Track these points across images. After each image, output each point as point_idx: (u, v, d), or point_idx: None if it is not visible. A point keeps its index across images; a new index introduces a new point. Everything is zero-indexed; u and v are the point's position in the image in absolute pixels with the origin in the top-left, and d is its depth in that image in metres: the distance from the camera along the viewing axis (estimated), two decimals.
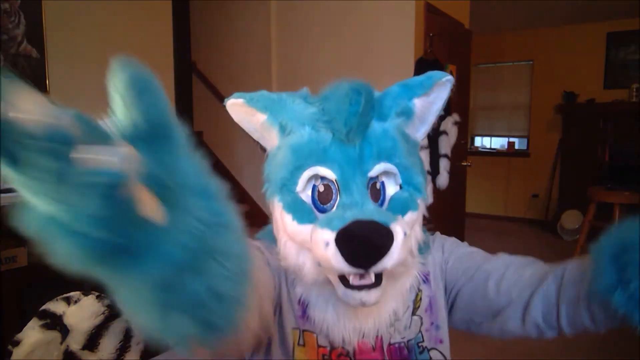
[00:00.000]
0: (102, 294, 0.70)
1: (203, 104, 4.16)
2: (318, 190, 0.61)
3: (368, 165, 0.60)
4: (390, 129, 0.63)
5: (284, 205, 0.61)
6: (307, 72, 3.45)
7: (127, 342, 0.68)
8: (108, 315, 0.67)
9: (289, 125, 0.63)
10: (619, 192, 3.28)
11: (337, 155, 0.60)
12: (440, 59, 3.13)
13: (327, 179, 0.61)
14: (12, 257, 1.73)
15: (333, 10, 3.31)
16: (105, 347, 0.65)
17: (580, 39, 5.23)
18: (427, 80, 0.65)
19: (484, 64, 5.84)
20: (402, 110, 0.64)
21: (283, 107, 0.64)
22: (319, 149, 0.60)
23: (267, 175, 0.66)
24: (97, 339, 0.65)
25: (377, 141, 0.61)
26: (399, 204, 0.61)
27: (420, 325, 0.69)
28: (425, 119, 0.68)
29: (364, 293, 0.55)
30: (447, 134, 3.01)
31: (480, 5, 4.11)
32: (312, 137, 0.61)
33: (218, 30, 3.98)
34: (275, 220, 0.65)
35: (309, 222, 0.59)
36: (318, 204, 0.61)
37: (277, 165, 0.63)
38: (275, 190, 0.63)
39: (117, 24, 2.57)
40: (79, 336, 0.63)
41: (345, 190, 0.59)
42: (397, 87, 0.66)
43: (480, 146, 6.21)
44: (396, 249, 0.52)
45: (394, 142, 0.62)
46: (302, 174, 0.60)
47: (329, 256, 0.53)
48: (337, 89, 0.60)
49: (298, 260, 0.61)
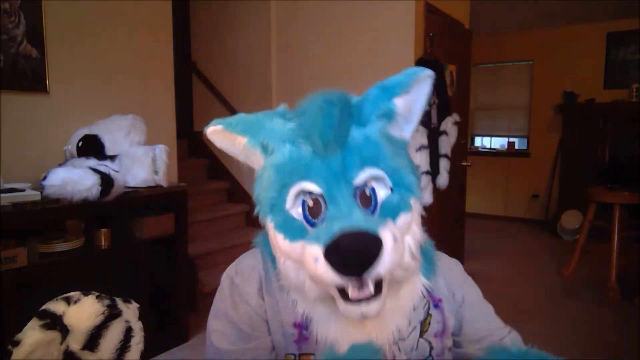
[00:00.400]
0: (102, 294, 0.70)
1: (203, 104, 4.16)
2: (308, 205, 0.60)
3: (352, 173, 0.59)
4: (372, 134, 0.62)
5: (275, 225, 0.61)
6: (307, 72, 3.45)
7: (127, 342, 0.68)
8: (108, 315, 0.67)
9: (270, 144, 0.64)
10: (619, 192, 3.28)
11: (320, 169, 0.59)
12: (440, 59, 3.13)
13: (314, 194, 0.60)
14: (12, 257, 1.73)
15: (333, 11, 3.31)
16: (105, 347, 0.65)
17: (580, 39, 5.23)
18: (405, 78, 0.63)
19: (484, 64, 5.84)
20: (383, 113, 0.63)
21: (261, 127, 0.65)
22: (301, 165, 0.60)
23: (257, 197, 0.66)
24: (97, 339, 0.65)
25: (358, 149, 0.60)
26: (389, 208, 0.60)
27: (430, 350, 0.68)
28: (409, 117, 0.66)
29: (363, 306, 0.55)
30: (447, 134, 3.01)
31: (480, 5, 4.11)
32: (293, 154, 0.61)
33: (218, 30, 3.98)
34: (270, 239, 0.64)
35: (301, 238, 0.58)
36: (309, 219, 0.60)
37: (264, 186, 0.63)
38: (266, 211, 0.63)
39: (117, 24, 2.57)
40: (79, 336, 0.63)
41: (332, 203, 0.58)
42: (376, 89, 0.65)
43: (480, 146, 6.21)
44: (387, 255, 0.52)
45: (377, 147, 0.61)
46: (289, 191, 0.60)
47: (320, 271, 0.53)
48: (311, 103, 0.60)
49: (298, 278, 0.61)
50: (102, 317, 0.65)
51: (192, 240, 3.06)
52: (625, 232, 3.41)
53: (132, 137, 2.21)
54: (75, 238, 2.02)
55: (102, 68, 2.51)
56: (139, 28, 2.68)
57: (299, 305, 0.65)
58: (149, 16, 2.72)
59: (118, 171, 2.06)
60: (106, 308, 0.66)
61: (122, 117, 2.24)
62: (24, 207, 1.77)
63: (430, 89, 0.65)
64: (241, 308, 0.68)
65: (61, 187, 1.80)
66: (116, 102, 2.55)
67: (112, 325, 0.66)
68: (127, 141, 2.19)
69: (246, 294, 0.68)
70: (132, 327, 0.69)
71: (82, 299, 0.65)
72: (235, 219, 3.79)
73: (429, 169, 2.90)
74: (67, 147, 2.17)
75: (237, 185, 3.89)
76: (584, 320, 2.85)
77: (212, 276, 3.05)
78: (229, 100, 3.89)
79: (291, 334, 0.65)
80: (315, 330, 0.63)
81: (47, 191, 1.81)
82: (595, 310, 2.99)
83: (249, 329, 0.66)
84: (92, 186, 1.86)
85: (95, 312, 0.65)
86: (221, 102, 3.93)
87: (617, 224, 3.23)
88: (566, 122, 5.27)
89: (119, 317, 0.68)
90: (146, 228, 2.25)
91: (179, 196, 2.40)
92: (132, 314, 0.71)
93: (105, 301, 0.67)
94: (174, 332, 2.48)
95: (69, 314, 0.63)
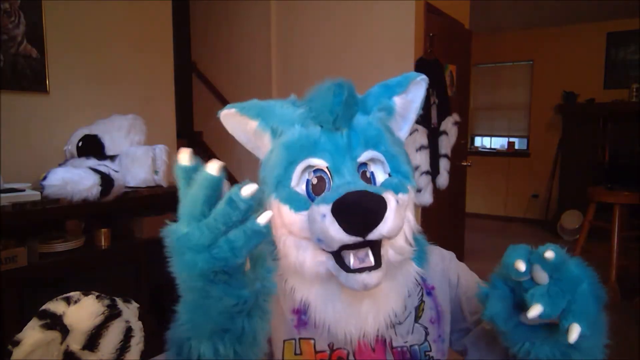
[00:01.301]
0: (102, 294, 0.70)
1: (203, 104, 4.16)
2: (312, 183, 0.64)
3: (356, 151, 0.64)
4: (374, 121, 0.67)
5: (280, 199, 0.63)
6: (307, 71, 3.45)
7: (127, 342, 0.68)
8: (108, 315, 0.67)
9: (279, 128, 0.67)
10: (619, 192, 3.28)
11: (327, 145, 0.63)
12: (440, 59, 3.13)
13: (319, 170, 0.64)
14: (12, 257, 1.73)
15: (333, 11, 3.31)
16: (105, 347, 0.65)
17: (580, 39, 5.23)
18: (403, 79, 0.71)
19: (484, 64, 5.84)
20: (384, 107, 0.70)
21: (273, 112, 0.69)
22: (310, 142, 0.64)
23: (263, 179, 0.67)
24: (97, 339, 0.65)
25: (362, 130, 0.65)
26: (389, 187, 0.63)
27: (426, 335, 0.70)
28: (406, 116, 0.73)
29: (365, 275, 0.56)
30: (447, 134, 3.01)
31: (480, 5, 4.12)
32: (303, 133, 0.65)
33: (218, 30, 3.98)
34: (272, 217, 0.65)
35: (305, 209, 0.61)
36: (312, 196, 0.63)
37: (271, 166, 0.66)
38: (271, 189, 0.64)
39: (117, 24, 2.57)
40: (79, 336, 0.63)
41: (337, 174, 0.62)
42: (378, 87, 0.72)
43: (480, 146, 6.21)
44: (390, 214, 0.54)
45: (379, 131, 0.66)
46: (296, 167, 0.63)
47: (327, 226, 0.55)
48: (320, 87, 0.65)
49: (298, 256, 0.62)
50: (102, 317, 0.65)
51: None
52: (625, 232, 3.41)
53: (132, 137, 2.21)
54: (75, 238, 2.02)
55: (102, 68, 2.51)
56: (139, 28, 2.68)
57: (297, 292, 0.66)
58: (149, 16, 2.72)
59: (118, 171, 2.06)
60: (106, 308, 0.66)
61: (122, 117, 2.23)
62: (24, 207, 1.77)
63: (424, 92, 0.72)
64: None
65: (61, 187, 1.80)
66: (116, 102, 2.55)
67: (112, 325, 0.66)
68: (127, 141, 2.19)
69: None
70: (132, 327, 0.69)
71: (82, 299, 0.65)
72: None
73: (429, 169, 2.90)
74: (67, 147, 2.17)
75: None
76: None
77: None
78: (229, 100, 3.89)
79: (290, 320, 0.67)
80: (313, 314, 0.64)
81: (47, 191, 1.81)
82: None
83: None
84: (92, 186, 1.86)
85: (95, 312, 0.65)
86: (221, 102, 3.93)
87: (617, 224, 3.23)
88: (566, 122, 5.28)
89: (119, 317, 0.68)
90: (146, 228, 2.25)
91: (179, 196, 2.40)
92: (132, 314, 0.71)
93: (105, 301, 0.67)
94: None
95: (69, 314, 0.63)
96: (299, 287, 0.66)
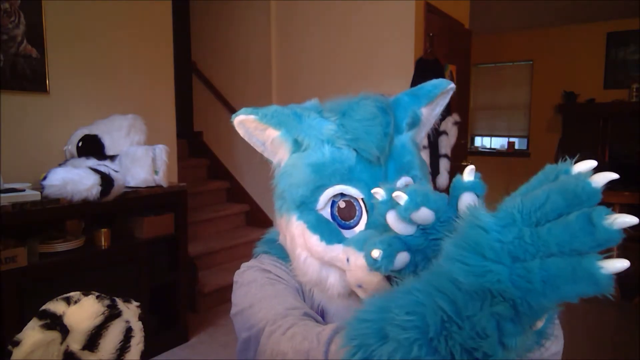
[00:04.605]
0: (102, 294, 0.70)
1: (203, 104, 4.16)
2: (338, 206, 0.60)
3: (392, 180, 0.61)
4: (407, 142, 0.64)
5: (309, 225, 0.60)
6: (307, 72, 3.45)
7: (127, 342, 0.68)
8: (108, 315, 0.67)
9: (305, 141, 0.61)
10: (619, 192, 3.28)
11: (364, 175, 0.59)
12: (440, 59, 3.13)
13: (349, 196, 0.60)
14: (12, 257, 1.73)
15: (333, 11, 3.31)
16: (105, 347, 0.65)
17: (580, 39, 5.23)
18: (434, 89, 0.67)
19: (484, 64, 5.84)
20: (413, 121, 0.66)
21: (298, 122, 0.62)
22: (344, 167, 0.59)
23: (282, 193, 0.63)
24: (97, 339, 0.65)
25: (399, 156, 0.62)
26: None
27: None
28: (427, 123, 0.71)
29: None
30: (447, 134, 3.01)
31: (480, 5, 4.11)
32: (335, 156, 0.60)
33: (218, 30, 3.98)
34: (291, 236, 0.63)
35: (338, 242, 0.58)
36: (339, 220, 0.60)
37: (295, 183, 0.61)
38: (292, 207, 0.61)
39: (117, 24, 2.57)
40: (79, 336, 0.63)
41: (373, 210, 0.58)
42: (406, 96, 0.67)
43: (480, 146, 6.21)
44: None
45: (412, 156, 0.64)
46: (324, 192, 0.59)
47: (377, 280, 0.53)
48: (360, 106, 0.59)
49: (321, 274, 0.61)
50: (102, 317, 0.65)
51: (192, 240, 3.06)
52: (625, 232, 3.41)
53: (132, 137, 2.21)
54: (75, 238, 2.02)
55: (102, 68, 2.51)
56: (139, 28, 2.68)
57: (316, 295, 0.65)
58: (149, 16, 2.72)
59: (118, 171, 2.06)
60: (106, 308, 0.66)
61: (122, 117, 2.24)
62: (24, 207, 1.77)
63: (449, 99, 0.70)
64: (273, 270, 0.67)
65: (61, 187, 1.80)
66: (116, 102, 2.55)
67: (112, 326, 0.66)
68: (127, 141, 2.19)
69: (275, 269, 0.68)
70: (132, 327, 0.69)
71: (82, 299, 0.65)
72: (235, 219, 3.79)
73: (429, 169, 2.90)
74: (67, 147, 2.17)
75: (237, 185, 3.89)
76: (584, 320, 2.85)
77: (212, 276, 3.05)
78: (229, 100, 3.89)
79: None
80: (330, 321, 0.64)
81: (47, 191, 1.81)
82: (595, 310, 2.99)
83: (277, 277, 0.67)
84: (92, 186, 1.86)
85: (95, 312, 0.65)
86: (221, 102, 3.93)
87: None
88: (566, 122, 5.28)
89: (119, 317, 0.68)
90: (146, 228, 2.25)
91: (179, 196, 2.40)
92: (132, 314, 0.70)
93: (105, 301, 0.67)
94: (174, 332, 2.48)
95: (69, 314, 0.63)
96: (316, 290, 0.65)
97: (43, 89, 2.25)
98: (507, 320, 0.29)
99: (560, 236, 0.28)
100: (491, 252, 0.29)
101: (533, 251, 0.29)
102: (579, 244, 0.28)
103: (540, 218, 0.30)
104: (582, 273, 0.27)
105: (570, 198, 0.29)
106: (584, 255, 0.27)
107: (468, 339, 0.29)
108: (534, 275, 0.28)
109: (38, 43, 2.20)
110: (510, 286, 0.28)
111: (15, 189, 1.84)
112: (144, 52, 2.71)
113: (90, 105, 2.45)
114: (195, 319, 2.74)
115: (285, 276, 0.66)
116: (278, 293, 0.62)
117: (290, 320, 0.54)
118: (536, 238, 0.29)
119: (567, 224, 0.28)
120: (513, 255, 0.29)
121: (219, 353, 2.42)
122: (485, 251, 0.30)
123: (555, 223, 0.29)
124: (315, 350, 0.47)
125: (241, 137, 0.67)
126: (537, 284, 0.28)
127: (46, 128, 2.28)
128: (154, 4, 2.74)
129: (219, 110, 3.95)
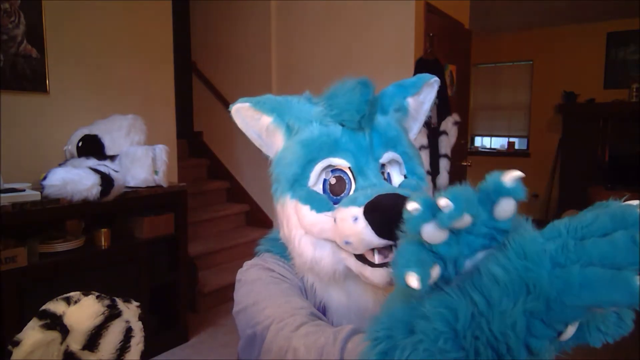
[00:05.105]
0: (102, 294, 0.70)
1: (203, 104, 4.16)
2: (330, 183, 0.62)
3: (378, 152, 0.63)
4: (392, 122, 0.67)
5: (299, 198, 0.62)
6: (307, 71, 3.45)
7: (127, 342, 0.68)
8: (108, 315, 0.67)
9: (295, 124, 0.65)
10: (619, 192, 3.28)
11: (349, 145, 0.62)
12: (440, 59, 3.13)
13: (339, 170, 0.62)
14: (12, 257, 1.73)
15: (333, 11, 3.31)
16: (105, 347, 0.65)
17: (580, 39, 5.23)
18: (417, 80, 0.72)
19: (484, 64, 5.84)
20: (399, 107, 0.69)
21: (289, 108, 0.66)
22: (330, 140, 0.62)
23: (277, 176, 0.65)
24: (97, 339, 0.65)
25: (383, 131, 0.65)
26: (408, 188, 0.63)
27: None
28: (417, 117, 0.74)
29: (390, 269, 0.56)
30: (447, 134, 3.01)
31: (480, 5, 4.11)
32: (323, 131, 0.63)
33: (218, 30, 3.98)
34: (287, 218, 0.64)
35: (327, 210, 0.60)
36: (330, 196, 0.62)
37: (287, 163, 0.64)
38: (286, 187, 0.63)
39: (117, 24, 2.57)
40: (79, 336, 0.63)
41: (360, 175, 0.61)
42: (393, 87, 0.71)
43: (480, 146, 6.20)
44: None
45: (398, 132, 0.66)
46: (315, 167, 0.62)
47: (359, 229, 0.54)
48: (343, 85, 0.63)
49: (315, 254, 0.61)
50: (102, 317, 0.65)
51: (192, 240, 3.06)
52: None
53: (132, 137, 2.21)
54: (75, 238, 2.02)
55: (102, 68, 2.51)
56: (139, 28, 2.68)
57: (318, 291, 0.66)
58: (149, 16, 2.72)
59: (118, 171, 2.06)
60: (106, 308, 0.66)
61: (122, 117, 2.24)
62: (24, 207, 1.77)
63: (435, 93, 0.73)
64: (276, 269, 0.68)
65: (61, 187, 1.80)
66: (116, 102, 2.55)
67: (112, 326, 0.66)
68: (127, 141, 2.19)
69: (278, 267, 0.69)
70: (132, 327, 0.69)
71: (82, 299, 0.65)
72: (235, 219, 3.79)
73: (429, 169, 2.90)
74: (67, 147, 2.17)
75: (237, 185, 3.89)
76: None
77: (212, 276, 3.05)
78: (229, 100, 3.89)
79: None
80: (331, 318, 0.64)
81: (47, 191, 1.81)
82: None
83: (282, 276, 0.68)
84: (92, 186, 1.86)
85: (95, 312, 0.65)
86: (221, 102, 3.93)
87: None
88: (566, 122, 5.27)
89: (119, 317, 0.68)
90: (146, 228, 2.25)
91: (179, 196, 2.40)
92: (132, 314, 0.70)
93: (105, 301, 0.67)
94: (174, 332, 2.48)
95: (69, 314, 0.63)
96: (318, 285, 0.66)
97: (43, 89, 2.25)
98: (538, 319, 0.30)
99: (604, 249, 0.29)
100: (534, 255, 0.31)
101: (574, 259, 0.30)
102: (620, 258, 0.29)
103: (586, 234, 0.31)
104: (620, 282, 0.28)
105: (618, 220, 0.31)
106: (623, 269, 0.29)
107: (497, 333, 0.30)
108: (572, 277, 0.29)
109: (38, 43, 2.21)
110: (547, 285, 0.29)
111: (15, 189, 1.84)
112: (144, 52, 2.71)
113: (90, 105, 2.45)
114: (195, 319, 2.74)
115: (288, 275, 0.67)
116: (283, 292, 0.62)
117: (299, 319, 0.54)
118: (580, 248, 0.30)
119: (612, 240, 0.29)
120: (555, 261, 0.30)
121: (219, 353, 2.42)
122: (528, 255, 0.31)
123: (600, 238, 0.30)
124: (331, 346, 0.47)
125: (241, 137, 0.69)
126: (574, 285, 0.29)
127: (46, 128, 2.28)
128: (154, 4, 2.74)
129: (219, 110, 3.95)
